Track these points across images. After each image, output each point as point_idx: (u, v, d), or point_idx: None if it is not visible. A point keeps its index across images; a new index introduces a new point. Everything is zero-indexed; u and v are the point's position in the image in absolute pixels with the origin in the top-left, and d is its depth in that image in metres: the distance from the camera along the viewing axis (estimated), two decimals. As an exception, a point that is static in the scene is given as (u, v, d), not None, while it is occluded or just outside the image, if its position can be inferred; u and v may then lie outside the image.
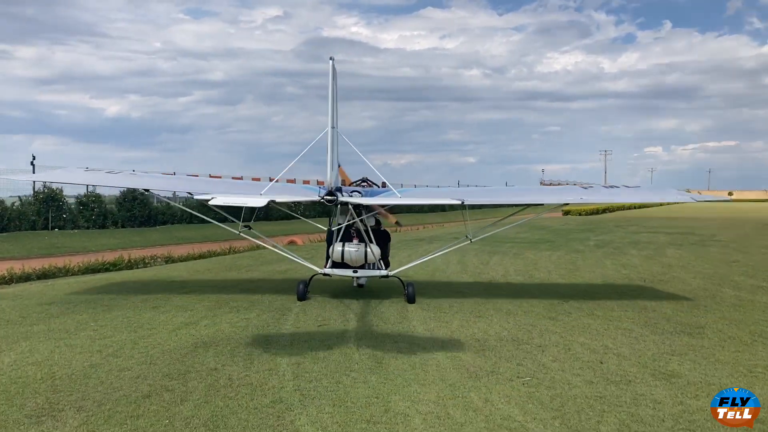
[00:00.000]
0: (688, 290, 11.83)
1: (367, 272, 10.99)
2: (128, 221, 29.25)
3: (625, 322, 9.14)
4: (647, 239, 23.46)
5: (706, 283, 12.73)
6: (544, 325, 8.86)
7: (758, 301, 10.75)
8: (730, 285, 12.44)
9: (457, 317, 9.37)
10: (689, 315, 9.62)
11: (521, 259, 16.40)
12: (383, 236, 11.63)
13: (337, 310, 9.75)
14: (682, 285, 12.44)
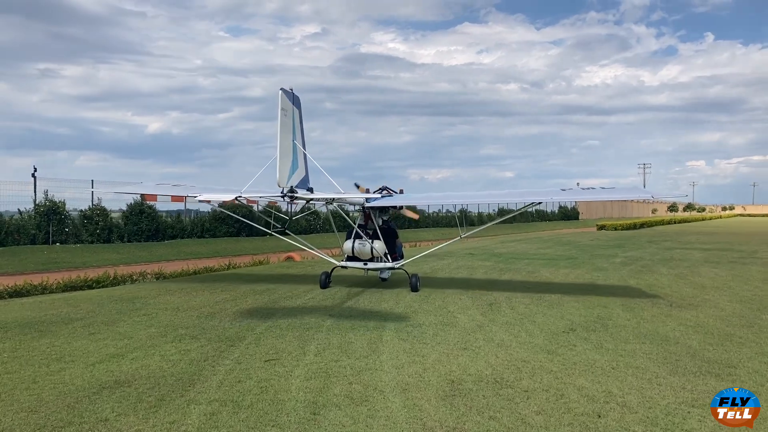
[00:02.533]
0: (721, 317, 10.09)
1: (377, 264, 13.37)
2: (135, 235, 28.25)
3: (640, 357, 7.51)
4: (680, 256, 21.52)
5: (743, 308, 10.96)
6: (539, 362, 7.29)
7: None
8: (771, 310, 10.66)
9: (438, 349, 7.87)
10: (719, 349, 7.94)
11: (535, 278, 14.74)
12: (390, 233, 14.04)
13: (299, 341, 8.31)
14: (714, 310, 10.69)
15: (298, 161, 12.56)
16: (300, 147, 12.56)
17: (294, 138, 12.37)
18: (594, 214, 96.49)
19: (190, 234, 31.34)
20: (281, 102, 11.73)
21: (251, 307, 10.71)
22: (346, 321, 9.58)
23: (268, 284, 13.82)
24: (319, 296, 12.16)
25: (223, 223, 32.68)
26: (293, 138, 12.33)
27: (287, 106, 12.09)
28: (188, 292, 12.70)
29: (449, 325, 9.37)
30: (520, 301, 11.48)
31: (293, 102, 12.46)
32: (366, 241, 13.24)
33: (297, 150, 12.42)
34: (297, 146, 12.45)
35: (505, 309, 10.70)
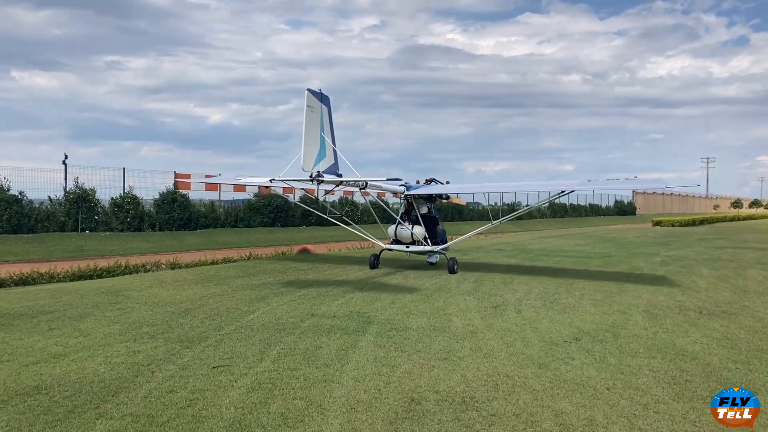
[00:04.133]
0: (756, 328, 8.84)
1: (417, 247, 15.21)
2: (166, 224, 28.10)
3: (644, 376, 6.44)
4: (730, 256, 19.87)
5: (785, 317, 9.63)
6: (524, 378, 6.33)
7: None
8: (818, 322, 9.32)
9: (414, 359, 6.98)
10: (743, 369, 6.78)
11: (557, 278, 13.60)
12: (432, 221, 15.83)
13: (263, 344, 7.54)
14: (749, 320, 9.42)
15: (326, 151, 13.94)
16: (327, 139, 13.90)
17: (322, 131, 13.72)
18: (652, 209, 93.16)
19: (223, 224, 31.08)
20: (307, 100, 13.08)
21: (232, 304, 10.02)
22: (328, 321, 8.78)
23: (268, 277, 13.13)
24: (313, 291, 11.39)
25: (257, 212, 32.34)
26: (321, 131, 13.70)
27: (314, 103, 13.43)
28: (181, 284, 12.12)
29: (439, 330, 8.44)
30: (530, 305, 10.44)
31: (321, 100, 13.88)
32: (407, 226, 15.19)
33: (325, 141, 13.77)
34: (325, 138, 13.77)
35: (510, 313, 9.69)
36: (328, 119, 14.25)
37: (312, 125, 13.17)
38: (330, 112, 14.49)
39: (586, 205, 72.94)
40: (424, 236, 15.21)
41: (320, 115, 13.81)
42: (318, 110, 13.72)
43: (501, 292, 11.71)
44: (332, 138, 14.38)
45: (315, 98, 13.55)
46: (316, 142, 13.44)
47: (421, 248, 15.15)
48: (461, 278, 13.41)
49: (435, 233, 15.66)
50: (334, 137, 14.51)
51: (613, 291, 11.98)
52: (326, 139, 13.87)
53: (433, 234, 15.56)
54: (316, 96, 13.62)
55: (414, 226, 15.25)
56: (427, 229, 15.45)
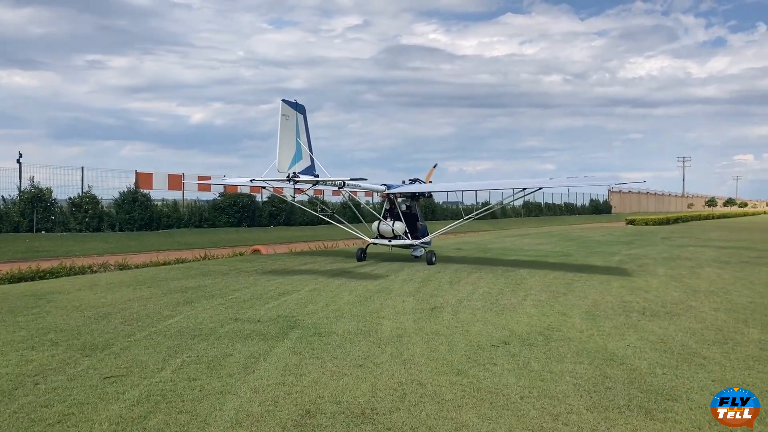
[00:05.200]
0: (695, 330, 8.56)
1: (398, 241, 16.65)
2: (127, 224, 27.46)
3: (564, 383, 6.12)
4: (690, 255, 19.71)
5: (728, 318, 9.38)
6: (436, 386, 6.00)
7: (788, 352, 7.41)
8: (759, 322, 9.10)
9: (327, 367, 6.63)
10: (671, 374, 6.48)
11: (505, 279, 13.28)
12: (412, 217, 17.23)
13: (169, 351, 7.11)
14: (691, 321, 9.15)
15: (302, 154, 15.61)
16: (303, 144, 15.57)
17: (298, 137, 15.49)
18: (628, 208, 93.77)
19: (187, 223, 30.48)
20: (282, 109, 14.95)
21: (156, 308, 9.56)
22: (249, 326, 8.36)
23: (207, 279, 12.67)
24: (248, 292, 10.97)
25: (223, 212, 31.77)
26: (297, 137, 15.45)
27: (289, 112, 15.24)
28: (113, 287, 11.62)
29: (365, 334, 8.06)
30: (470, 306, 10.09)
31: (296, 109, 15.61)
32: (388, 222, 16.74)
33: (300, 146, 15.50)
34: (300, 143, 15.49)
35: (445, 315, 9.33)
36: (303, 126, 15.92)
37: (287, 132, 14.98)
38: (306, 119, 16.10)
39: (562, 204, 73.17)
40: (405, 231, 16.55)
41: (295, 122, 15.53)
42: (293, 118, 15.44)
43: (444, 292, 11.36)
44: (309, 142, 16.00)
45: (290, 107, 15.34)
46: (292, 146, 15.21)
47: (401, 242, 16.59)
48: (407, 278, 13.05)
49: (416, 228, 17.00)
50: (310, 142, 16.11)
51: (560, 291, 11.68)
52: (302, 145, 15.60)
53: (413, 229, 16.87)
54: (291, 106, 15.40)
55: (395, 222, 16.73)
56: (408, 225, 16.79)
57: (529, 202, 64.44)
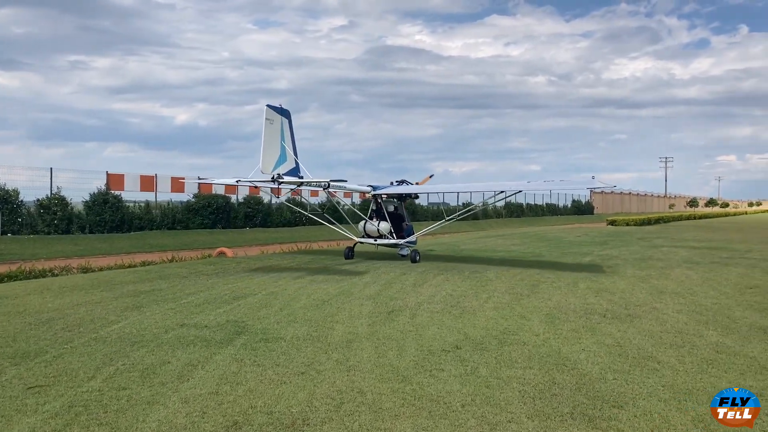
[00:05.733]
0: (655, 332, 8.40)
1: (384, 240, 17.38)
2: (97, 226, 26.99)
3: (510, 389, 5.91)
4: (662, 255, 19.65)
5: (689, 320, 9.23)
6: (377, 394, 5.80)
7: (744, 354, 7.26)
8: (720, 324, 8.94)
9: (268, 374, 6.38)
10: (620, 379, 6.29)
11: (471, 280, 13.08)
12: (398, 218, 17.92)
13: (105, 359, 6.81)
14: (652, 323, 8.99)
15: (287, 156, 16.34)
16: (287, 147, 16.31)
17: (282, 140, 16.19)
18: (610, 209, 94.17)
19: (159, 225, 30.04)
20: (267, 114, 15.64)
21: (102, 313, 9.26)
22: (195, 332, 8.07)
23: (164, 283, 12.34)
24: (203, 296, 10.69)
25: (196, 214, 31.35)
26: (281, 140, 16.17)
27: (273, 116, 15.91)
28: (65, 291, 11.28)
29: (314, 339, 7.81)
30: (429, 309, 9.87)
31: (281, 113, 16.32)
32: (374, 222, 17.38)
33: (285, 149, 16.20)
34: (285, 146, 16.21)
35: (402, 318, 9.10)
36: (288, 129, 16.62)
37: (271, 135, 15.66)
38: (290, 123, 16.79)
39: (544, 205, 73.32)
40: (390, 231, 17.29)
41: (280, 126, 16.20)
42: (278, 122, 16.11)
43: (405, 295, 11.13)
44: (293, 146, 16.75)
45: (274, 112, 16.02)
46: (276, 149, 15.90)
47: (386, 241, 17.33)
48: (371, 281, 12.81)
49: (401, 228, 17.69)
50: (295, 145, 16.86)
51: (524, 293, 11.49)
52: (286, 148, 16.33)
53: (398, 229, 17.60)
54: (275, 110, 16.09)
55: (380, 222, 17.43)
56: (394, 225, 17.50)
57: (511, 204, 64.46)
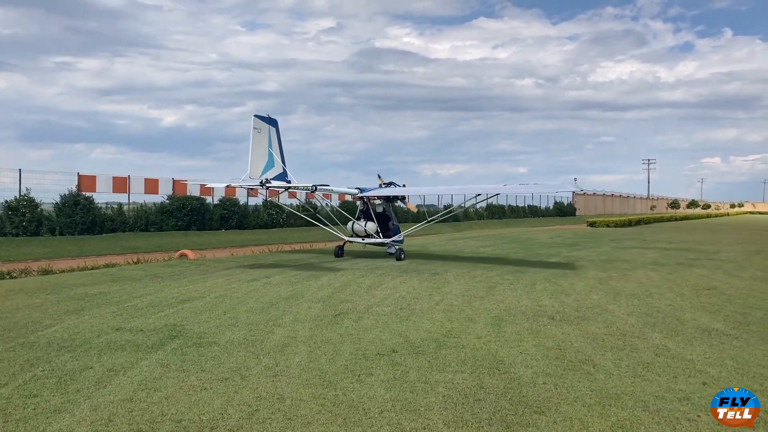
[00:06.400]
0: (599, 335, 8.31)
1: (371, 240, 18.47)
2: (68, 228, 26.61)
3: (435, 395, 5.79)
4: (630, 256, 19.65)
5: (637, 323, 9.16)
6: (297, 401, 5.68)
7: (682, 357, 7.18)
8: (667, 326, 8.88)
9: (190, 380, 6.25)
10: (550, 383, 6.19)
11: (429, 282, 12.98)
12: (385, 218, 19.03)
13: (24, 365, 6.61)
14: (599, 326, 8.90)
15: (274, 162, 17.66)
16: (275, 154, 17.61)
17: (270, 147, 17.50)
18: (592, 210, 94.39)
19: (132, 227, 29.66)
20: (254, 123, 16.95)
21: (39, 317, 9.05)
22: (128, 336, 7.89)
23: (114, 286, 12.13)
24: (149, 299, 10.49)
25: (171, 216, 31.00)
26: (269, 147, 17.47)
27: (261, 125, 17.22)
28: (9, 294, 11.06)
29: (249, 343, 7.65)
30: (377, 311, 9.75)
31: (268, 123, 17.57)
32: (361, 222, 18.45)
33: (272, 155, 17.51)
34: (272, 153, 17.51)
35: (347, 321, 8.96)
36: (276, 137, 17.85)
37: (259, 143, 16.98)
38: (278, 131, 17.98)
39: (525, 207, 73.37)
40: (376, 230, 18.34)
41: (268, 134, 17.42)
42: (265, 131, 17.34)
43: (358, 297, 11.00)
44: (281, 152, 17.97)
45: (262, 121, 17.26)
46: (264, 155, 17.18)
47: (374, 240, 18.43)
48: (326, 283, 12.67)
49: (387, 228, 18.78)
50: (282, 151, 18.09)
51: (478, 295, 11.39)
52: (274, 154, 17.55)
53: (385, 229, 18.68)
54: (263, 120, 17.32)
55: (367, 222, 18.49)
56: (381, 225, 18.54)
57: (493, 205, 64.42)
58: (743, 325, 9.08)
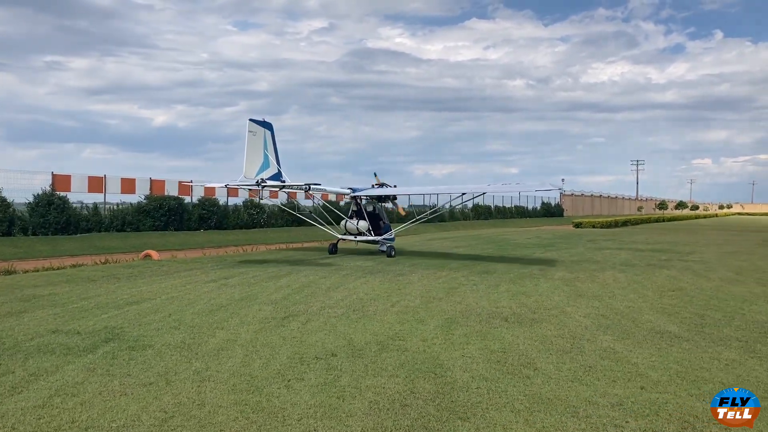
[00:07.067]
0: (547, 337, 8.16)
1: (363, 237, 19.52)
2: (41, 228, 26.27)
3: (362, 400, 5.60)
4: (601, 257, 19.56)
5: (592, 324, 9.03)
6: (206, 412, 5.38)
7: (627, 360, 7.04)
8: (620, 329, 8.75)
9: (109, 387, 6.03)
10: (484, 387, 6.05)
11: (390, 283, 12.80)
12: (376, 217, 20.02)
13: None
14: (550, 328, 8.76)
15: (269, 163, 18.67)
16: (270, 155, 18.66)
17: (265, 149, 18.60)
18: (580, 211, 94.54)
19: (108, 227, 29.33)
20: (249, 127, 18.08)
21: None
22: (62, 339, 7.69)
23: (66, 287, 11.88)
24: (97, 301, 10.26)
25: (148, 216, 30.69)
26: (264, 149, 18.56)
27: (256, 129, 18.31)
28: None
29: (186, 347, 7.45)
30: (329, 314, 9.56)
31: (264, 126, 18.69)
32: (353, 221, 19.57)
33: (268, 157, 18.58)
34: (268, 155, 18.58)
35: (293, 324, 8.78)
36: (271, 140, 18.88)
37: (254, 145, 18.10)
38: (273, 134, 19.04)
39: (512, 207, 73.34)
40: (368, 228, 19.39)
41: (263, 137, 18.48)
42: (261, 134, 18.39)
43: (313, 299, 10.81)
44: (276, 154, 19.00)
45: (257, 125, 18.33)
46: (259, 157, 18.26)
47: (365, 238, 19.48)
48: (284, 285, 12.45)
49: (378, 227, 19.73)
50: (277, 153, 19.11)
51: (437, 296, 11.23)
52: (269, 156, 18.57)
53: (376, 227, 19.64)
54: (258, 123, 18.40)
55: (359, 221, 19.57)
56: (372, 223, 19.54)
57: (480, 206, 64.32)
58: (698, 327, 8.95)
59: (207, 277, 13.62)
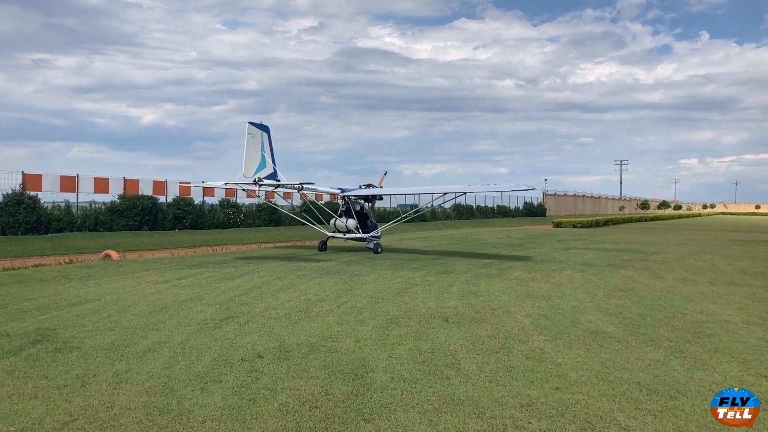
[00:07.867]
0: (482, 337, 8.22)
1: (351, 235, 20.79)
2: (10, 228, 26.09)
3: (269, 405, 5.60)
4: (566, 257, 19.68)
5: (531, 324, 9.10)
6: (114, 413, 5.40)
7: (553, 361, 7.09)
8: (556, 329, 8.81)
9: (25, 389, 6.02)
10: (400, 389, 6.09)
11: (343, 284, 12.83)
12: (363, 216, 21.25)
13: None
14: (487, 328, 8.81)
15: (266, 163, 19.90)
16: (267, 156, 19.87)
17: (263, 150, 19.83)
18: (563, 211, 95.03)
19: (80, 227, 29.16)
20: (248, 129, 19.33)
21: None
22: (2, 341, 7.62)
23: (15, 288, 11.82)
24: (40, 302, 10.21)
25: (121, 215, 30.55)
26: (262, 150, 19.77)
27: (254, 131, 19.53)
28: None
29: (115, 349, 7.44)
30: (272, 315, 9.58)
31: (261, 129, 19.96)
32: (342, 219, 20.86)
33: (265, 158, 19.79)
34: (265, 156, 19.78)
35: (231, 326, 8.77)
36: (268, 142, 20.15)
37: (253, 146, 19.36)
38: (269, 136, 20.33)
39: (495, 207, 73.60)
40: (356, 227, 20.67)
41: (261, 139, 19.76)
42: (258, 136, 19.67)
43: (260, 300, 10.81)
44: (272, 155, 20.19)
45: (256, 128, 19.66)
46: (257, 158, 19.55)
47: (353, 236, 20.74)
48: (236, 285, 12.44)
49: (366, 225, 21.01)
50: (273, 154, 20.32)
51: (387, 297, 11.27)
52: (266, 157, 19.80)
53: (364, 225, 20.88)
54: (256, 126, 19.71)
55: (348, 219, 20.83)
56: (360, 222, 20.77)
57: (461, 206, 64.51)
58: (635, 327, 9.04)
59: (160, 277, 13.57)
